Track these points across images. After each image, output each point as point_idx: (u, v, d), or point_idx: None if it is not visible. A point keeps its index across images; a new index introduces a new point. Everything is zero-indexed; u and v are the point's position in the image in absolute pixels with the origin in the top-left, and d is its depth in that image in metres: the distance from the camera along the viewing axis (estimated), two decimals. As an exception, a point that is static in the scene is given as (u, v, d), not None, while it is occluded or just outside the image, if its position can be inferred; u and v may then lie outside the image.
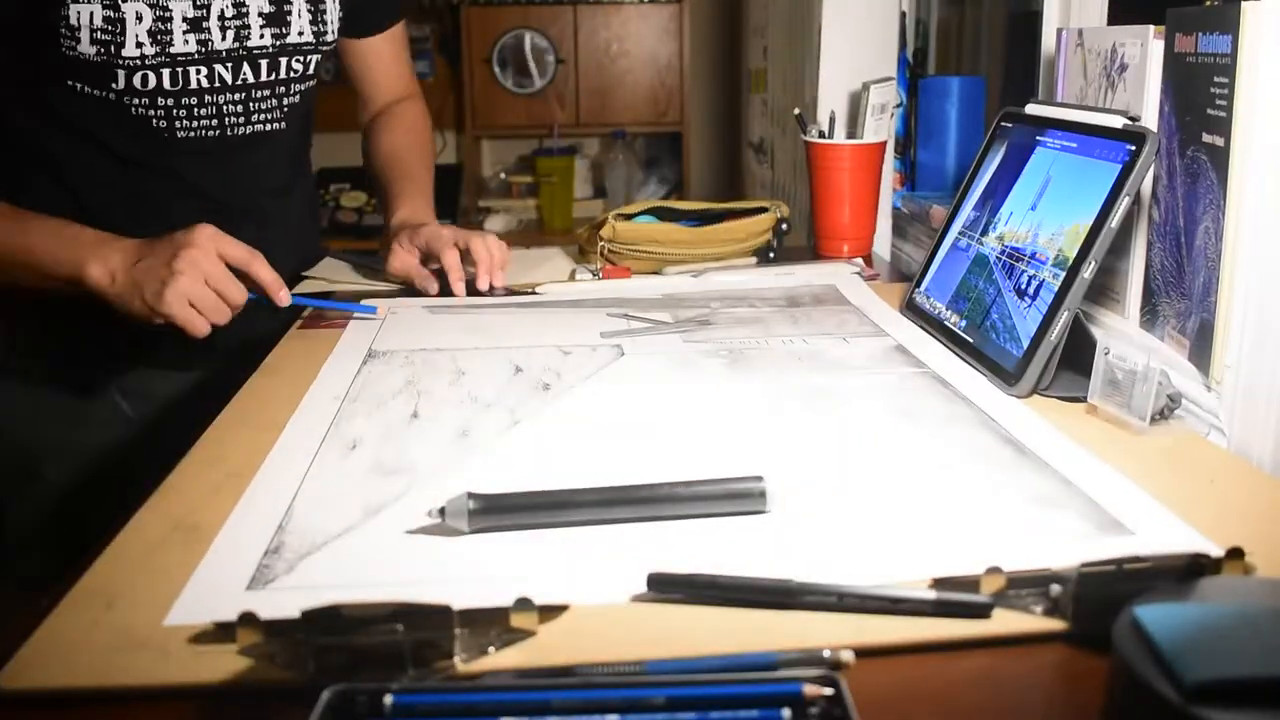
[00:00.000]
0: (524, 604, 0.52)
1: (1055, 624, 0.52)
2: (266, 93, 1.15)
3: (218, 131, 1.13)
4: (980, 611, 0.53)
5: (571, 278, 1.26)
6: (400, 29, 1.39)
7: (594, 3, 3.25)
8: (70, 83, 1.06)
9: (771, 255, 1.32)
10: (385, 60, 1.39)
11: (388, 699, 0.44)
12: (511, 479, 0.69)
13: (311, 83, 1.21)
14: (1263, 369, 0.73)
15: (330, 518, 0.66)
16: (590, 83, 3.30)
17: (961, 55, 1.70)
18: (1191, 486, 0.67)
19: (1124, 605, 0.45)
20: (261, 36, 1.11)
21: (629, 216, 1.30)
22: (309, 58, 1.18)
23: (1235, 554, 0.54)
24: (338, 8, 1.19)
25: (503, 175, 3.43)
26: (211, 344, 1.00)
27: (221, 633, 0.52)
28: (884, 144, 1.37)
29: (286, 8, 1.13)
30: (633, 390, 0.88)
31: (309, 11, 1.15)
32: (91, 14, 1.01)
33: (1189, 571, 0.51)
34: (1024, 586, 0.54)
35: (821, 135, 1.37)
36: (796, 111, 1.47)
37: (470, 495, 0.63)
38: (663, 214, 1.32)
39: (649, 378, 0.91)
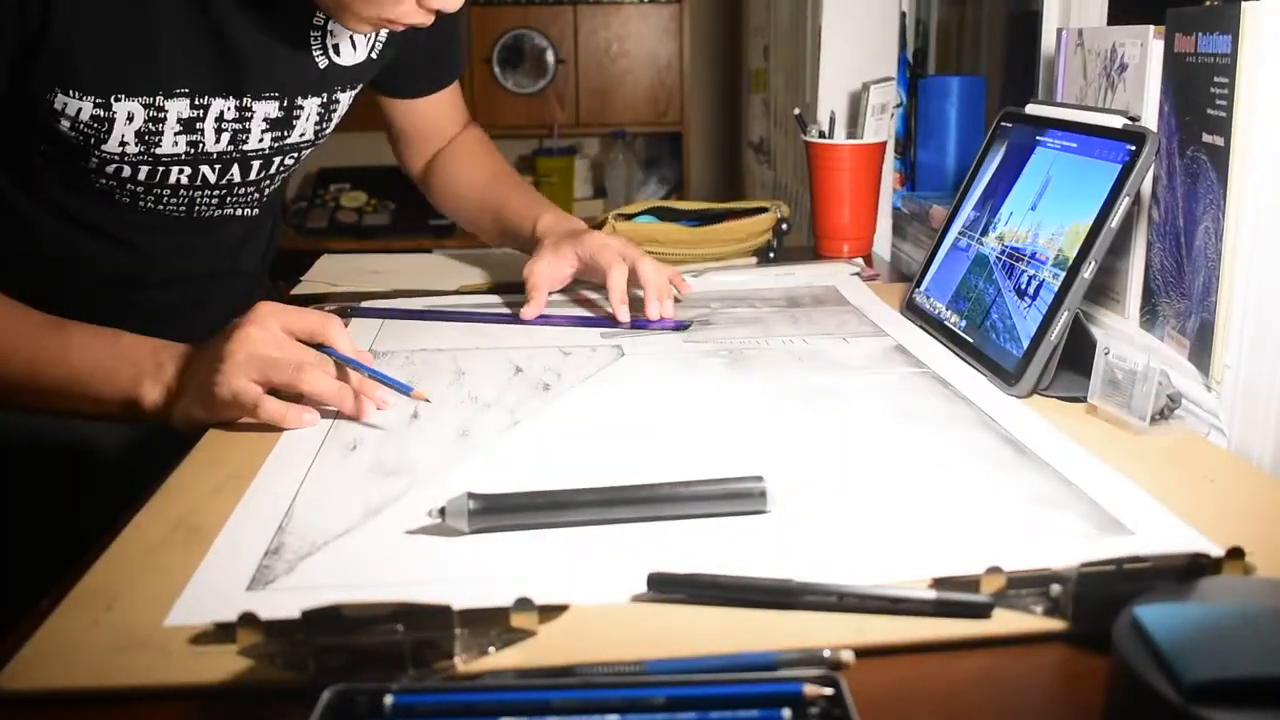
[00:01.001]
0: (524, 604, 0.52)
1: (1055, 624, 0.52)
2: (251, 188, 1.05)
3: (184, 213, 1.03)
4: (980, 611, 0.53)
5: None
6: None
7: (594, 3, 3.25)
8: (40, 146, 0.93)
9: (771, 255, 1.32)
10: (444, 107, 1.27)
11: (388, 699, 0.44)
12: (512, 479, 0.69)
13: (296, 167, 1.10)
14: (1263, 369, 0.72)
15: (330, 518, 0.66)
16: (590, 83, 3.30)
17: (961, 55, 1.70)
18: (1191, 486, 0.67)
19: (1124, 605, 0.45)
20: (261, 140, 1.00)
21: (629, 217, 1.30)
22: (303, 152, 1.08)
23: (1235, 554, 0.54)
24: (350, 101, 1.08)
25: (503, 175, 3.43)
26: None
27: (222, 633, 0.52)
28: (884, 144, 1.37)
29: (297, 112, 1.00)
30: (633, 390, 0.88)
31: (319, 112, 1.03)
32: (79, 109, 0.88)
33: (1189, 571, 0.51)
34: (1024, 586, 0.54)
35: (822, 135, 1.37)
36: (796, 112, 1.47)
37: (470, 495, 0.63)
38: (663, 214, 1.32)
39: (649, 378, 0.91)
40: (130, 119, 0.90)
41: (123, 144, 0.92)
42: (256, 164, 1.02)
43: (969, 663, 0.51)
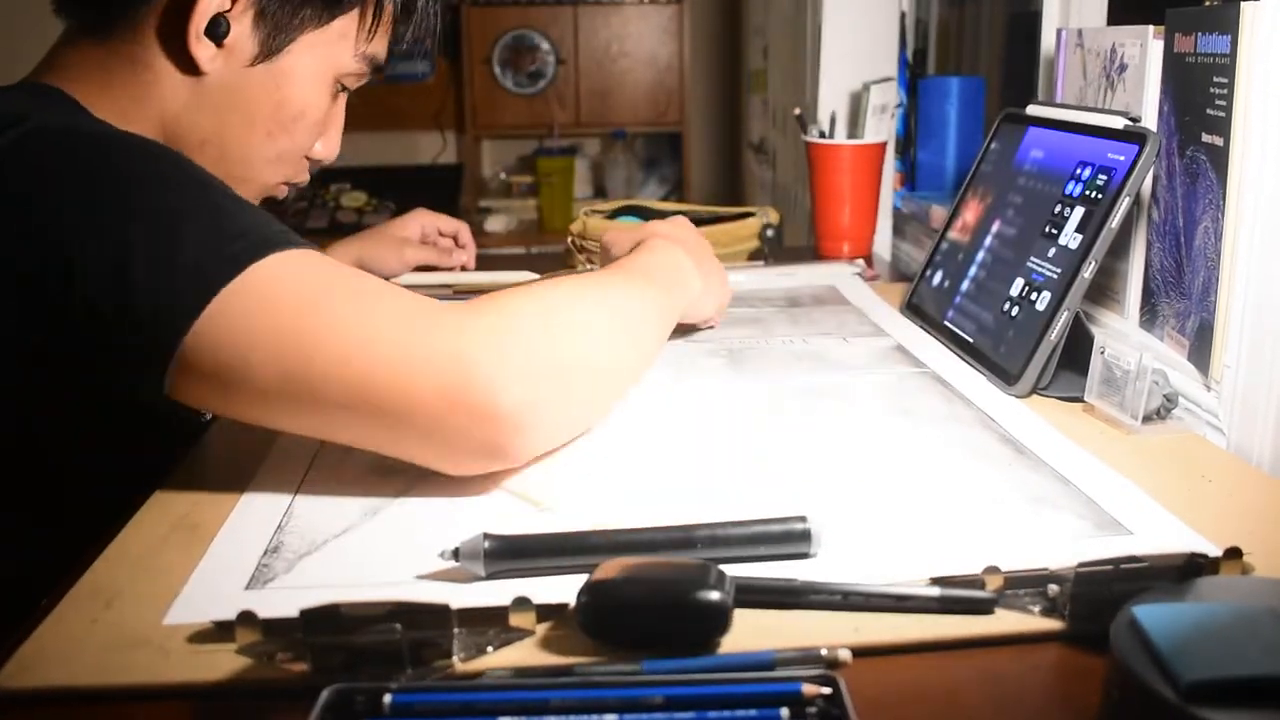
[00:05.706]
0: (522, 603, 0.52)
1: (1053, 624, 0.52)
2: None
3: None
4: (984, 607, 0.53)
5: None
6: None
7: (594, 3, 3.25)
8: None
9: (765, 263, 1.31)
10: None
11: (386, 698, 0.44)
12: (508, 479, 0.69)
13: None
14: (1262, 369, 0.73)
15: (330, 517, 0.66)
16: (590, 83, 3.30)
17: (961, 55, 1.69)
18: (1189, 486, 0.67)
19: (1121, 605, 0.45)
20: None
21: (606, 215, 1.29)
22: None
23: (1233, 554, 0.54)
24: None
25: (503, 175, 3.43)
26: None
27: (220, 632, 0.52)
28: (884, 144, 1.37)
29: None
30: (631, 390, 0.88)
31: None
32: None
33: (1186, 571, 0.51)
34: (1022, 586, 0.54)
35: (822, 135, 1.37)
36: (797, 112, 1.47)
37: (486, 536, 0.57)
38: (643, 214, 1.31)
39: (647, 377, 0.91)
40: None
41: None
42: None
43: (966, 662, 0.51)
